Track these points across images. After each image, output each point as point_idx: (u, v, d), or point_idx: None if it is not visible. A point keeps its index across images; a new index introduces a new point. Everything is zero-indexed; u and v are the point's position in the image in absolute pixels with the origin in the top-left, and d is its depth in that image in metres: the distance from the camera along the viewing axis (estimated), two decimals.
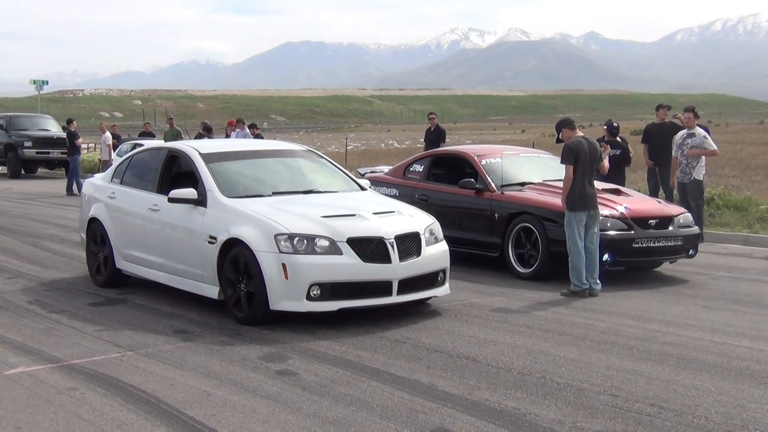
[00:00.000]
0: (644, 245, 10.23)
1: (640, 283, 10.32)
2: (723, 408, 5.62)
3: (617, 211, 10.33)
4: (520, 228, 10.62)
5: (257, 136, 20.83)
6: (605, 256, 9.96)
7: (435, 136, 20.17)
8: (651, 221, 10.39)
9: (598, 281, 9.52)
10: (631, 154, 14.94)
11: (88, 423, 5.42)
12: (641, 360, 6.82)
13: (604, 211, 10.18)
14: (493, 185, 11.23)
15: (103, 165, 25.12)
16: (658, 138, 14.69)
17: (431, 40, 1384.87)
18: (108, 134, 25.95)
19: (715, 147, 13.59)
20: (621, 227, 10.19)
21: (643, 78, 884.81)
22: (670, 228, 10.50)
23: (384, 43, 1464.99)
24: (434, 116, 20.94)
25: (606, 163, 10.54)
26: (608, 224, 10.11)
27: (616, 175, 13.05)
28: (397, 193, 12.25)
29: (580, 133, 9.86)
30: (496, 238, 10.92)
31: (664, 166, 14.32)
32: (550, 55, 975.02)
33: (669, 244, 10.43)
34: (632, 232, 10.19)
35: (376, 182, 12.94)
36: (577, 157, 9.50)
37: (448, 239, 11.17)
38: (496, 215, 10.96)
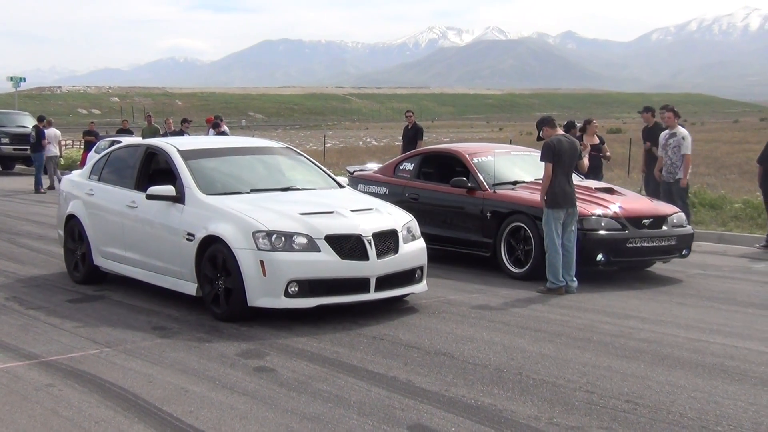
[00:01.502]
0: (638, 245, 10.16)
1: (617, 281, 10.39)
2: (697, 404, 5.68)
3: (611, 210, 10.26)
4: (512, 227, 10.49)
5: (221, 133, 20.75)
6: (599, 256, 9.95)
7: (412, 134, 20.27)
8: (645, 221, 10.33)
9: (574, 278, 9.57)
10: (607, 153, 15.04)
11: (65, 419, 5.41)
12: (617, 356, 6.87)
13: (597, 210, 10.18)
14: (485, 184, 11.07)
15: (48, 161, 24.89)
16: (653, 140, 14.45)
17: (409, 39, 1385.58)
18: (52, 129, 25.60)
19: (689, 152, 13.45)
20: (615, 227, 10.12)
21: (619, 77, 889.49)
22: (664, 228, 10.45)
23: (362, 42, 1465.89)
24: (411, 114, 21.04)
25: (586, 161, 10.60)
26: (602, 224, 10.07)
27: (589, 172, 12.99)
28: (387, 192, 12.09)
29: (560, 131, 9.92)
30: (488, 238, 10.78)
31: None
32: (528, 54, 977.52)
33: (663, 243, 10.38)
34: (626, 231, 10.12)
35: (366, 181, 12.81)
36: (556, 155, 9.54)
37: (439, 239, 11.16)
38: (488, 214, 10.84)
